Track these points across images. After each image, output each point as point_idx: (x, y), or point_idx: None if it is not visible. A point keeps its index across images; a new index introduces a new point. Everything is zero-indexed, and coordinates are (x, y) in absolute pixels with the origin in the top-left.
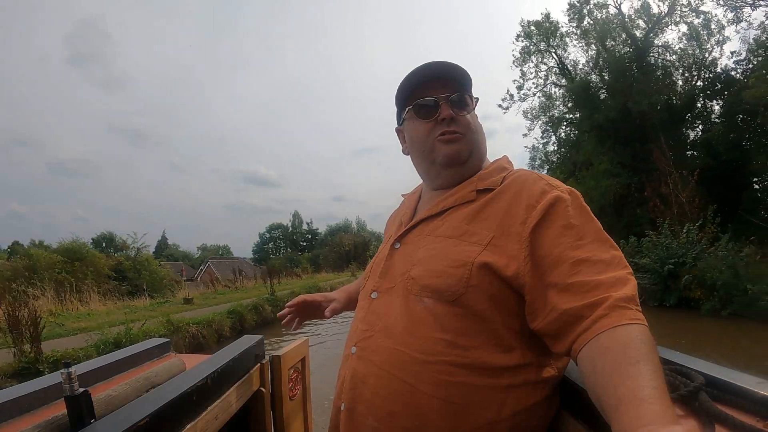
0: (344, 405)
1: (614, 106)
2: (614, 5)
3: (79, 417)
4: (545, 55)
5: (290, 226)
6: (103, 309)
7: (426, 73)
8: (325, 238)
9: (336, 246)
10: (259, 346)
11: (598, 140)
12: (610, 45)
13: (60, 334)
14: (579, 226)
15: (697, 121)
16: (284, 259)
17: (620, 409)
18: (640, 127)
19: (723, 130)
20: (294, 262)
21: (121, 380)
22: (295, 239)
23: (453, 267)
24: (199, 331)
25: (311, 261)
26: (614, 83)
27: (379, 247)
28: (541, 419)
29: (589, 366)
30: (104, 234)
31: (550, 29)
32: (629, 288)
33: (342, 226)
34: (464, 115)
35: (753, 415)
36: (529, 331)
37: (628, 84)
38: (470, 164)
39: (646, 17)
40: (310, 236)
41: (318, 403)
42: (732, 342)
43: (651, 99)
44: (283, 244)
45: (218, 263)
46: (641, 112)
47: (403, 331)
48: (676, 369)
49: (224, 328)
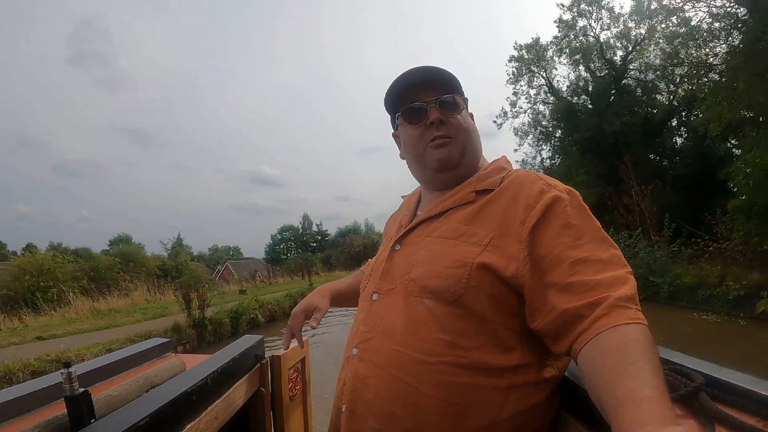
0: (345, 406)
1: (592, 125)
2: (593, 35)
3: (79, 417)
4: (535, 76)
5: (300, 227)
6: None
7: (412, 78)
8: (336, 240)
9: (347, 247)
10: (259, 346)
11: (580, 154)
12: (594, 67)
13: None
14: (578, 226)
15: (683, 129)
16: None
17: (620, 410)
18: (614, 144)
19: (696, 139)
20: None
21: (121, 380)
22: (305, 240)
23: (453, 268)
24: (273, 308)
25: (323, 261)
26: (593, 104)
27: (380, 248)
28: (542, 420)
29: (589, 366)
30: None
31: (539, 52)
32: (629, 287)
33: (351, 228)
34: (454, 116)
35: (753, 415)
36: (529, 331)
37: (605, 105)
38: (464, 165)
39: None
40: (320, 237)
41: (318, 403)
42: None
43: (623, 120)
44: (293, 245)
45: (235, 264)
46: (613, 132)
47: (404, 333)
48: (676, 369)
49: (285, 308)
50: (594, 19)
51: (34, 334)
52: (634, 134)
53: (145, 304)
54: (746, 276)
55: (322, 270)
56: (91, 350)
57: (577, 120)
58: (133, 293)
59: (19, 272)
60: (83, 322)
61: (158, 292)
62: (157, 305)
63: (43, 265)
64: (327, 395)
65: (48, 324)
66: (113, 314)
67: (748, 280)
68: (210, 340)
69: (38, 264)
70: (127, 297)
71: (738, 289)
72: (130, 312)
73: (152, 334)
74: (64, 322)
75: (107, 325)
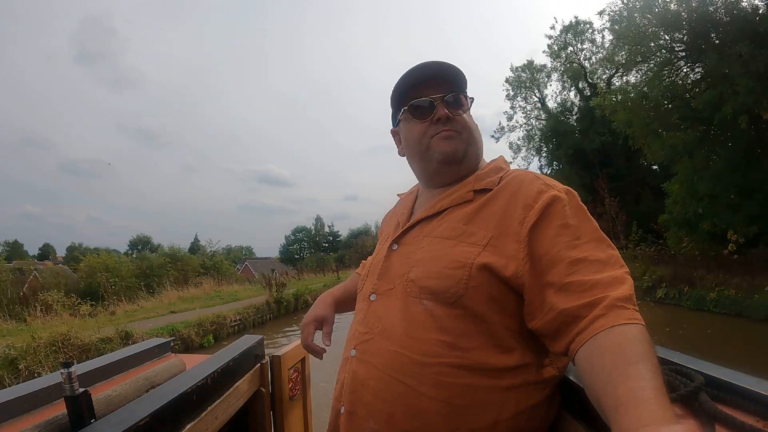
0: (344, 408)
1: (575, 143)
2: (577, 62)
3: (79, 417)
4: (529, 94)
5: (313, 228)
6: (240, 287)
7: (420, 73)
8: (348, 241)
9: (360, 248)
10: (259, 346)
11: (567, 165)
12: (581, 86)
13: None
14: (576, 226)
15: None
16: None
17: (620, 410)
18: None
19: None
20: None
21: (121, 380)
22: (317, 241)
23: (452, 268)
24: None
25: (337, 260)
26: (577, 123)
27: (376, 247)
28: (542, 420)
29: (587, 366)
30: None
31: (534, 72)
32: (626, 287)
33: (363, 229)
34: (460, 114)
35: (753, 415)
36: (529, 331)
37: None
38: (466, 163)
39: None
40: (332, 238)
41: (318, 403)
42: None
43: (602, 138)
44: (306, 246)
45: (254, 263)
46: (593, 149)
47: (403, 334)
48: (676, 369)
49: None
50: (578, 49)
51: (160, 311)
52: (616, 150)
53: (213, 293)
54: (655, 271)
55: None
56: (231, 313)
57: (563, 137)
58: (203, 285)
59: (91, 270)
60: (183, 304)
61: (220, 284)
62: (225, 293)
63: (108, 264)
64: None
65: (156, 306)
66: (195, 300)
67: (656, 274)
68: (284, 313)
69: (104, 264)
70: (198, 288)
71: (648, 281)
72: (208, 298)
73: (247, 308)
74: (167, 305)
75: (207, 305)
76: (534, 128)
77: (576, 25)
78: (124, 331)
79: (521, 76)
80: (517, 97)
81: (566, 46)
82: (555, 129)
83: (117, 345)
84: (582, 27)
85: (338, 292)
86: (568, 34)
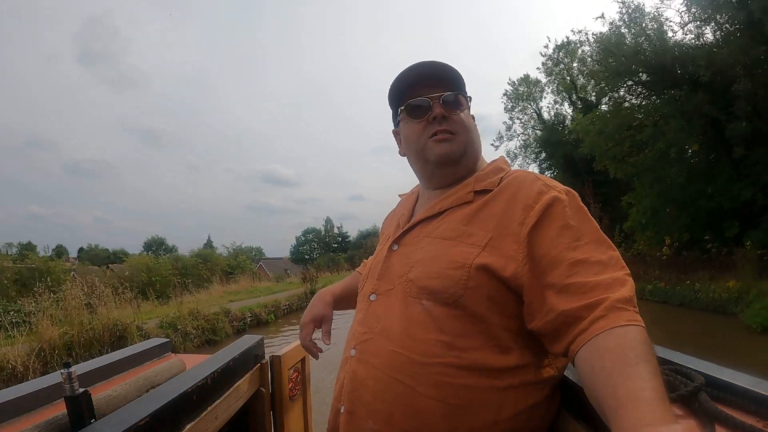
0: (344, 407)
1: (566, 152)
2: (569, 78)
3: (79, 417)
4: (526, 106)
5: (323, 230)
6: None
7: (417, 73)
8: (357, 241)
9: (369, 248)
10: (259, 346)
11: (560, 171)
12: (573, 99)
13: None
14: (576, 227)
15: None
16: (327, 259)
17: (620, 411)
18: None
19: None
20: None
21: (121, 380)
22: (327, 242)
23: (451, 269)
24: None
25: (347, 260)
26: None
27: (377, 248)
28: (542, 420)
29: (587, 367)
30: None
31: (530, 86)
32: (627, 289)
33: (372, 230)
34: (457, 114)
35: (753, 415)
36: (528, 331)
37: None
38: (464, 163)
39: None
40: (341, 239)
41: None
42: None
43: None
44: (316, 246)
45: (267, 263)
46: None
47: (402, 334)
48: (676, 369)
49: None
50: (569, 66)
51: (221, 302)
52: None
53: (250, 288)
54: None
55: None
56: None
57: (556, 146)
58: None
59: (134, 270)
60: (231, 296)
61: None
62: (261, 288)
63: (149, 264)
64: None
65: (211, 298)
66: (237, 294)
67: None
68: None
69: (146, 264)
70: (237, 284)
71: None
72: (247, 292)
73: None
74: (219, 298)
75: (253, 297)
76: (530, 137)
77: (567, 44)
78: (224, 309)
79: (518, 89)
80: (515, 109)
81: (558, 63)
82: (548, 139)
83: (223, 317)
84: (573, 47)
85: (338, 290)
86: (560, 53)
